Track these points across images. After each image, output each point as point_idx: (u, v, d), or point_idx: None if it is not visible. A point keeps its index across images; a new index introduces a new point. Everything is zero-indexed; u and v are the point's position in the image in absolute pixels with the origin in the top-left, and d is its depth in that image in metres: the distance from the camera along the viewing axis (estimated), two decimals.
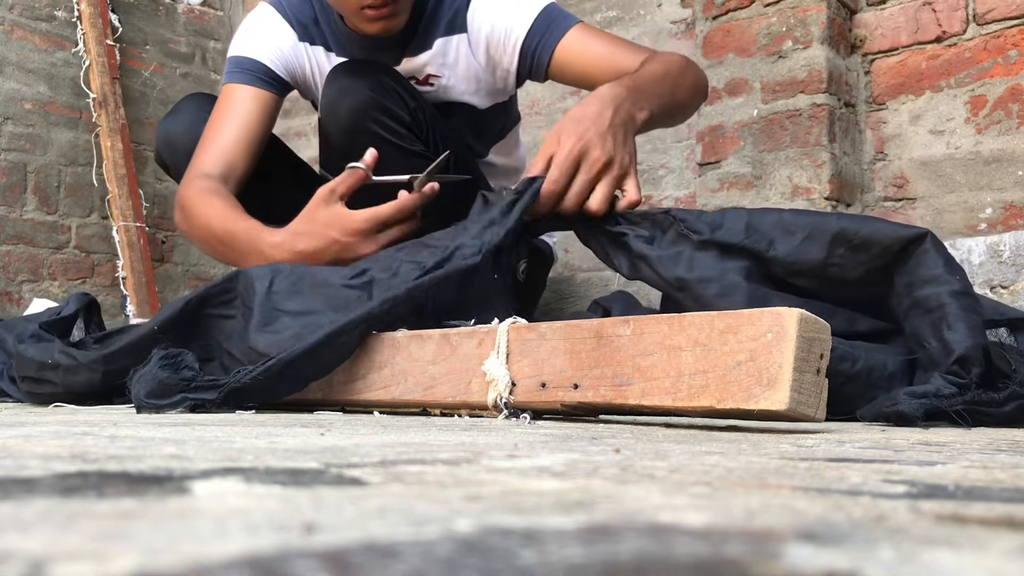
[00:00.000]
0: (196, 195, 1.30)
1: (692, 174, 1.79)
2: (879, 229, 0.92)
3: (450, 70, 1.39)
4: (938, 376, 0.83)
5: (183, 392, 0.95)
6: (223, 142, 1.36)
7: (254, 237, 1.21)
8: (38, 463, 0.38)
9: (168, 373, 0.96)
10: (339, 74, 1.31)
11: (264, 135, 1.40)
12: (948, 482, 0.36)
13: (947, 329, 0.85)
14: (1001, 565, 0.20)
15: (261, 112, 1.39)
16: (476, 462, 0.43)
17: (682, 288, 0.98)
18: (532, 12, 1.33)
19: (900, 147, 1.59)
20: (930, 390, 0.81)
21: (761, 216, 0.98)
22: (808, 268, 0.94)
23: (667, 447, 0.54)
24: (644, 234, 1.03)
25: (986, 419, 0.83)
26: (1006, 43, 1.47)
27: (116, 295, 2.40)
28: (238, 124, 1.37)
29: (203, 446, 0.49)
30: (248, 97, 1.39)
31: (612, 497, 0.31)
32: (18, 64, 2.27)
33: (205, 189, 1.30)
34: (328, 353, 0.97)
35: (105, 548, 0.20)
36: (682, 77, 1.25)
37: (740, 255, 0.97)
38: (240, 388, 0.95)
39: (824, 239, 0.94)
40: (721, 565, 0.20)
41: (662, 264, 0.99)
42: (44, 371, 1.13)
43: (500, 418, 0.89)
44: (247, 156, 1.37)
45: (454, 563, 0.19)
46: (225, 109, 1.38)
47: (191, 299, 1.09)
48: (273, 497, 0.30)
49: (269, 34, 1.42)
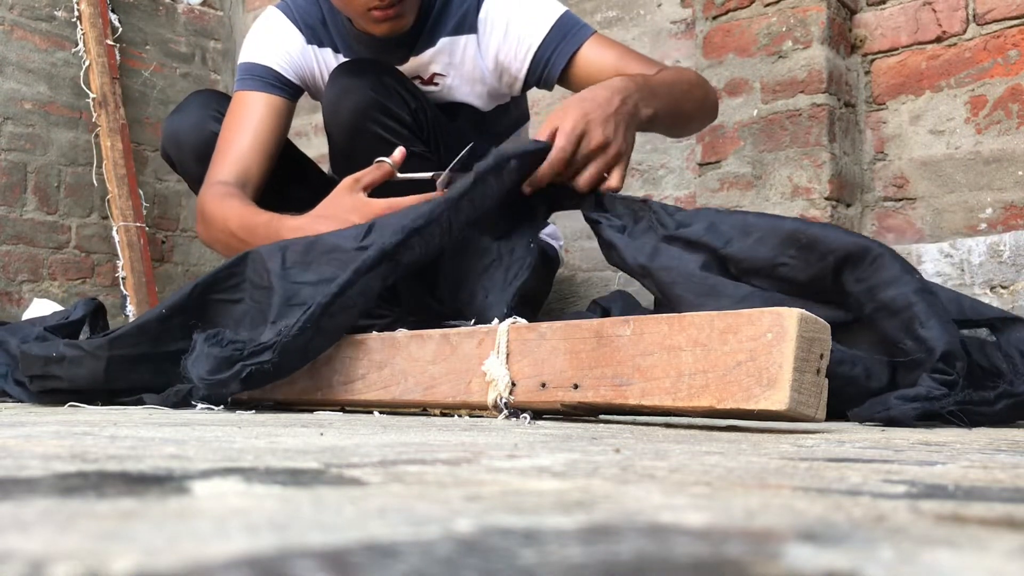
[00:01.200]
0: (213, 200, 1.31)
1: (692, 174, 1.79)
2: (830, 234, 0.94)
3: (456, 70, 1.39)
4: (927, 377, 0.83)
5: (240, 362, 0.96)
6: (238, 150, 1.36)
7: (276, 225, 1.22)
8: (38, 463, 0.38)
9: (219, 349, 0.98)
10: (341, 74, 1.31)
11: (278, 141, 1.41)
12: (948, 482, 0.36)
13: (920, 327, 0.86)
14: (1001, 565, 0.20)
15: (274, 118, 1.40)
16: (476, 462, 0.43)
17: (645, 275, 1.02)
18: (547, 21, 1.33)
19: (900, 147, 1.59)
20: (921, 392, 0.82)
21: (727, 217, 1.00)
22: (760, 266, 0.96)
23: (667, 447, 0.54)
24: (617, 223, 1.06)
25: (979, 419, 0.83)
26: (1006, 43, 1.47)
27: (116, 295, 2.40)
28: (252, 131, 1.37)
29: (203, 446, 0.49)
30: (261, 104, 1.39)
31: (612, 497, 0.31)
32: (18, 64, 2.27)
33: (222, 194, 1.31)
34: (355, 294, 0.98)
35: (105, 548, 0.20)
36: (692, 90, 1.28)
37: (701, 250, 1.00)
38: (290, 341, 0.96)
39: (776, 239, 0.95)
40: (721, 565, 0.20)
41: (629, 251, 1.03)
42: (49, 366, 1.14)
43: (500, 418, 0.89)
44: (262, 162, 1.37)
45: (454, 563, 0.19)
46: (238, 116, 1.39)
47: (198, 284, 1.10)
48: (273, 497, 0.30)
49: (278, 39, 1.42)
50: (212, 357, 0.97)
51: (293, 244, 1.07)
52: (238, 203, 1.28)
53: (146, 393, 1.12)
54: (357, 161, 1.31)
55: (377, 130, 1.28)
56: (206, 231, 1.33)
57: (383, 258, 0.99)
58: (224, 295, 1.10)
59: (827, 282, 0.93)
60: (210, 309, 1.10)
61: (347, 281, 0.97)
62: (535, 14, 1.34)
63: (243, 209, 1.27)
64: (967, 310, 0.96)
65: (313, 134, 2.45)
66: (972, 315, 0.95)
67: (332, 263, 1.04)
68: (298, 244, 1.07)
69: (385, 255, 0.99)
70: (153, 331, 1.09)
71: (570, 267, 1.97)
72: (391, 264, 1.00)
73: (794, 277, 0.94)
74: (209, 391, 0.97)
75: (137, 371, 1.10)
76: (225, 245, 1.31)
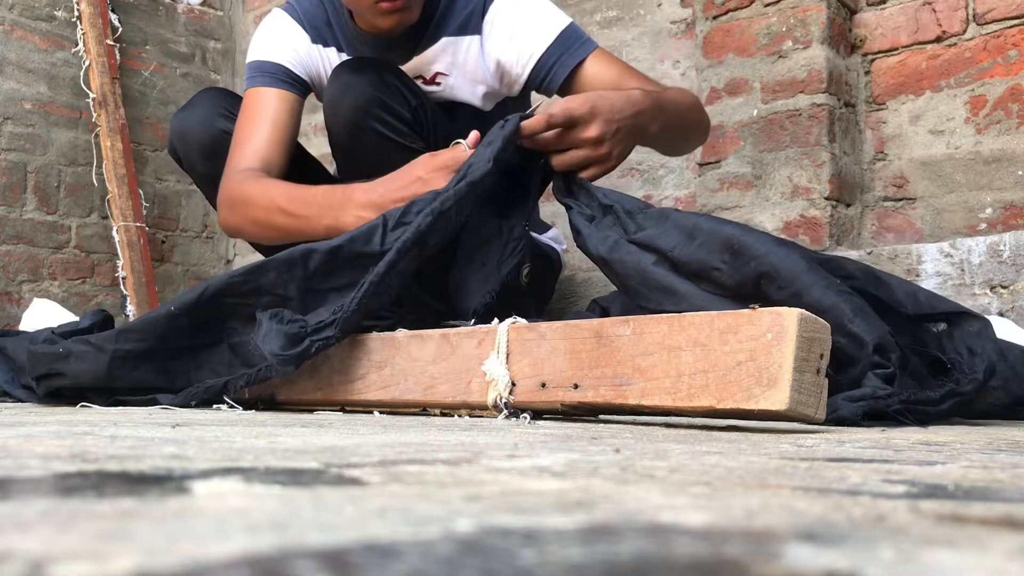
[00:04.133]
0: (246, 182, 1.29)
1: (692, 174, 1.79)
2: (759, 240, 0.95)
3: (459, 70, 1.40)
4: (871, 376, 0.84)
5: (307, 338, 1.00)
6: (257, 141, 1.35)
7: (344, 189, 1.21)
8: (38, 463, 0.38)
9: (286, 326, 1.00)
10: (343, 71, 1.31)
11: (293, 135, 1.41)
12: (948, 482, 0.36)
13: (849, 322, 0.87)
14: (1001, 565, 0.20)
15: (288, 112, 1.39)
16: (476, 462, 0.43)
17: (604, 265, 1.07)
18: (551, 32, 1.34)
19: (900, 147, 1.59)
20: (867, 392, 0.83)
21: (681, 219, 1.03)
22: (699, 269, 0.98)
23: (667, 447, 0.54)
24: (587, 212, 1.10)
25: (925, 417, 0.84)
26: (1006, 43, 1.47)
27: (116, 295, 2.40)
28: (269, 124, 1.37)
29: (203, 446, 0.49)
30: (274, 98, 1.39)
31: (612, 497, 0.31)
32: (18, 64, 2.27)
33: (256, 176, 1.30)
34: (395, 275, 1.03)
35: (105, 548, 0.20)
36: (691, 112, 1.32)
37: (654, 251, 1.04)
38: (349, 316, 1.01)
39: (715, 243, 0.97)
40: (721, 565, 0.20)
41: (592, 240, 1.07)
42: (55, 363, 1.14)
43: (500, 418, 0.89)
44: (282, 154, 1.36)
45: (454, 563, 0.19)
46: (253, 111, 1.38)
47: (209, 286, 1.11)
48: (273, 497, 0.30)
49: (285, 37, 1.43)
50: (282, 334, 1.00)
51: (316, 251, 1.08)
52: (278, 182, 1.28)
53: (149, 392, 1.12)
54: (358, 158, 1.31)
55: (377, 127, 1.28)
56: (239, 215, 1.31)
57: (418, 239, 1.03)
58: (238, 299, 1.10)
59: (749, 288, 0.94)
60: (220, 311, 1.10)
61: (392, 261, 1.02)
62: (540, 23, 1.35)
63: (288, 185, 1.26)
64: (923, 303, 0.97)
65: (312, 134, 2.45)
66: (928, 308, 0.97)
67: (358, 269, 1.06)
68: (321, 250, 1.08)
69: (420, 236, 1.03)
70: (161, 328, 1.10)
71: (570, 267, 1.97)
72: (421, 247, 1.04)
73: (724, 282, 0.96)
74: (281, 366, 1.00)
75: (140, 369, 1.10)
76: (266, 225, 1.28)
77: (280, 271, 1.08)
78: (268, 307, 1.07)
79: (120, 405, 1.12)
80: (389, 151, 1.27)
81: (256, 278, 1.09)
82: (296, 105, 1.41)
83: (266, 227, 1.29)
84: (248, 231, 1.33)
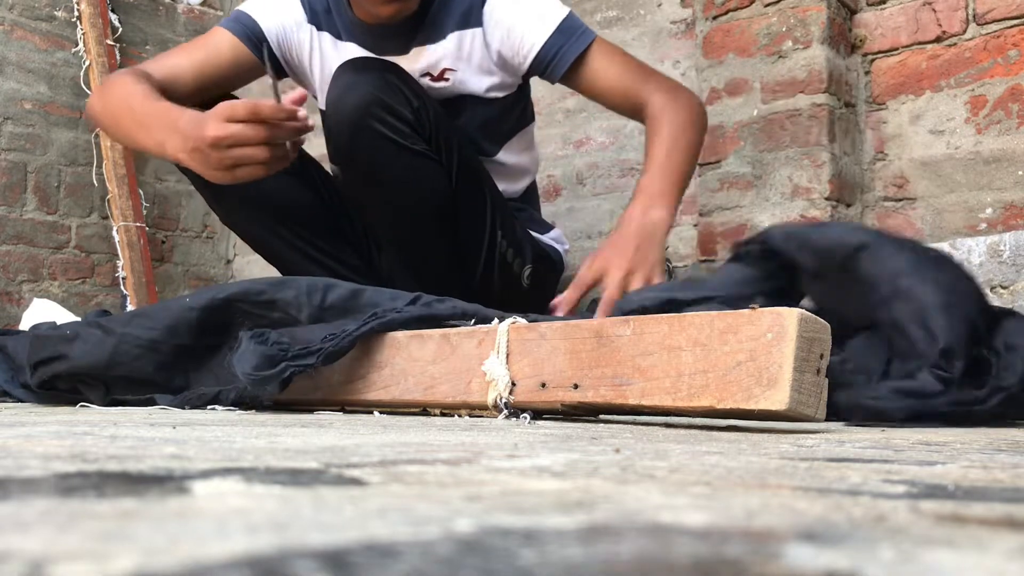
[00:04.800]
0: (127, 75, 1.29)
1: None
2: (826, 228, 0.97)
3: (465, 63, 1.40)
4: (927, 372, 0.82)
5: (284, 361, 0.98)
6: (178, 61, 1.37)
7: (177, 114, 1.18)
8: (38, 463, 0.38)
9: (264, 347, 0.99)
10: (345, 70, 1.31)
11: (223, 83, 1.40)
12: (948, 482, 0.36)
13: (928, 317, 0.85)
14: (1001, 565, 0.20)
15: (233, 62, 1.40)
16: (476, 462, 0.43)
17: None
18: (551, 24, 1.35)
19: (900, 147, 1.59)
20: (916, 387, 0.81)
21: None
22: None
23: (667, 447, 0.54)
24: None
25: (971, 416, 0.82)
26: (1006, 43, 1.47)
27: (116, 295, 2.40)
28: (203, 56, 1.38)
29: (203, 446, 0.49)
30: (228, 43, 1.40)
31: (612, 497, 0.31)
32: (18, 64, 2.27)
33: (137, 74, 1.29)
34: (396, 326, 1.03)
35: (105, 548, 0.20)
36: (696, 135, 1.32)
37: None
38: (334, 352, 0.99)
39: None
40: (721, 565, 0.20)
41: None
42: (59, 345, 1.14)
43: (500, 418, 0.89)
44: (195, 83, 1.36)
45: (454, 563, 0.19)
46: (200, 42, 1.41)
47: (224, 289, 1.11)
48: (273, 497, 0.30)
49: (281, 8, 1.43)
50: (258, 354, 0.99)
51: (340, 286, 1.09)
52: (150, 88, 1.26)
53: (145, 388, 1.11)
54: (358, 157, 1.31)
55: (378, 127, 1.28)
56: (101, 98, 1.31)
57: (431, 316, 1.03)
58: (250, 308, 1.10)
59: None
60: (232, 317, 1.11)
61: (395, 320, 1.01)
62: (539, 15, 1.35)
63: (154, 94, 1.24)
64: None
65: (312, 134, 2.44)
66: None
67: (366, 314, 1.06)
68: (345, 288, 1.09)
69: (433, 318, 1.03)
70: (172, 319, 1.10)
71: (571, 267, 1.97)
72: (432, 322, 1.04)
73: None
74: (253, 388, 0.98)
75: (141, 359, 1.10)
76: (114, 116, 1.28)
77: (299, 292, 1.08)
78: (278, 324, 1.07)
79: (118, 405, 1.12)
80: (390, 151, 1.27)
81: (274, 292, 1.09)
82: (248, 64, 1.41)
83: (113, 119, 1.28)
84: (101, 119, 1.33)
